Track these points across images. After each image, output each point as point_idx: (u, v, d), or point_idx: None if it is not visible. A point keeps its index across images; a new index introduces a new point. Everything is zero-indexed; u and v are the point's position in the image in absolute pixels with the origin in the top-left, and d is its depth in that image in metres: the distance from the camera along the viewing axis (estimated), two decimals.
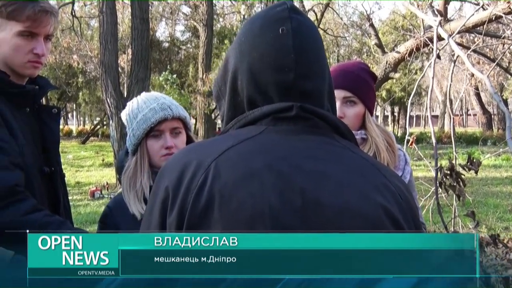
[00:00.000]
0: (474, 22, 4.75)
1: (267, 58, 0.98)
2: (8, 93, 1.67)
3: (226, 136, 0.99)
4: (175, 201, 0.88)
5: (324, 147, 0.95)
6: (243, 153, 0.91)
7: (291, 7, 1.01)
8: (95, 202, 9.52)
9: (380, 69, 6.77)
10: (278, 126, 0.96)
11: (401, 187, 0.97)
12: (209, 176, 0.88)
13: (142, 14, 11.12)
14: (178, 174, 0.91)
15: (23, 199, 1.52)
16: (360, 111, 1.89)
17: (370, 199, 0.90)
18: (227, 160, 0.90)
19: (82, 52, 21.74)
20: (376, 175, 0.95)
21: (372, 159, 1.02)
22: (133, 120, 1.77)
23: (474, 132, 25.34)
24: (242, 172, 0.88)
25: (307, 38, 0.99)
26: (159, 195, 0.92)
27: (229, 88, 1.03)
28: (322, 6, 17.59)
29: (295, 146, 0.93)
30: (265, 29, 1.00)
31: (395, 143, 1.97)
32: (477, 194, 9.11)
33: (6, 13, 1.63)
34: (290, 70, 0.96)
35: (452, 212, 3.12)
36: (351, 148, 0.98)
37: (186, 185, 0.89)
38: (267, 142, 0.94)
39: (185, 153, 0.98)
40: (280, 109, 0.96)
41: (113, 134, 10.88)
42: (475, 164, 2.05)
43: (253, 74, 0.99)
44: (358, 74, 1.91)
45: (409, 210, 0.94)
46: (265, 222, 0.85)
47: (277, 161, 0.90)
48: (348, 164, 0.94)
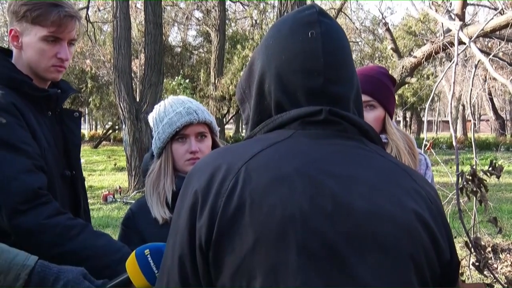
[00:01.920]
0: (492, 26, 4.72)
1: (296, 61, 0.97)
2: (32, 97, 1.69)
3: (254, 140, 0.98)
4: (205, 205, 0.88)
5: (354, 151, 0.94)
6: (273, 157, 0.91)
7: (320, 11, 1.00)
8: (108, 206, 9.56)
9: (396, 74, 6.74)
10: (307, 130, 0.95)
11: (430, 191, 0.96)
12: (240, 180, 0.87)
13: (155, 19, 11.18)
14: (208, 178, 0.90)
15: (47, 202, 1.53)
16: (380, 115, 1.89)
17: (401, 203, 0.89)
18: (257, 164, 0.89)
19: (95, 57, 21.93)
20: (406, 179, 0.94)
21: (401, 163, 1.01)
22: (159, 124, 1.77)
23: (487, 138, 25.12)
24: (273, 177, 0.88)
25: (336, 42, 0.99)
26: (187, 199, 0.91)
27: (256, 91, 1.03)
28: (335, 11, 17.59)
29: (325, 150, 0.92)
30: (294, 32, 0.99)
31: (416, 147, 1.95)
32: (492, 200, 9.01)
33: (31, 18, 1.64)
34: (319, 74, 0.96)
35: (472, 218, 3.09)
36: (380, 152, 0.97)
37: (216, 189, 0.88)
38: (296, 146, 0.93)
39: (214, 157, 0.97)
40: (309, 113, 0.95)
41: (125, 138, 10.93)
42: (497, 169, 2.02)
43: (281, 78, 0.99)
44: (378, 78, 1.90)
45: (439, 214, 0.93)
46: (296, 227, 0.83)
47: (307, 165, 0.89)
48: (378, 168, 0.93)
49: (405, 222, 0.87)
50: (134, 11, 19.80)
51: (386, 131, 1.91)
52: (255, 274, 0.84)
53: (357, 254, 0.84)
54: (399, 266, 0.85)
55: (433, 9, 3.88)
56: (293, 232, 0.83)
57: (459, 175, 2.06)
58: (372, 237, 0.85)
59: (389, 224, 0.86)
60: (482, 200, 2.02)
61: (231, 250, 0.85)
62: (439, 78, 3.05)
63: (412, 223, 0.87)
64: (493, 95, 24.72)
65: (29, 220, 1.48)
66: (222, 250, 0.86)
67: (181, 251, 0.90)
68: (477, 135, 29.82)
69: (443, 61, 14.11)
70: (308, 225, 0.84)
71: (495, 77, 2.39)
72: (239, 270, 0.85)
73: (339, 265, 0.83)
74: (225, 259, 0.86)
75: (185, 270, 0.90)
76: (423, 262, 0.87)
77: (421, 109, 31.08)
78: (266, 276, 0.83)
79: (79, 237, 1.52)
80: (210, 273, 0.88)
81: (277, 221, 0.84)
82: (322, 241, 0.83)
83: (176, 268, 0.91)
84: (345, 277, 0.83)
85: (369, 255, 0.84)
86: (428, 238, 0.88)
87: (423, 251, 0.87)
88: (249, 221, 0.85)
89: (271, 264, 0.83)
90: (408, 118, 36.64)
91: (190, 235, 0.89)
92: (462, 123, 30.31)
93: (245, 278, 0.84)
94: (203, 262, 0.88)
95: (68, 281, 1.32)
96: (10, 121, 1.55)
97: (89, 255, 1.50)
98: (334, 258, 0.83)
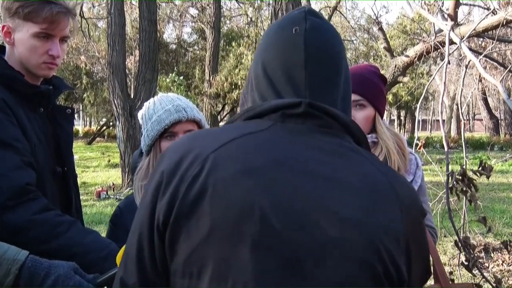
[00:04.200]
0: (484, 26, 4.73)
1: (279, 56, 0.98)
2: (23, 93, 1.68)
3: (231, 126, 0.97)
4: (168, 187, 0.88)
5: (331, 149, 0.91)
6: (244, 148, 0.90)
7: (309, 10, 1.01)
8: (101, 202, 9.54)
9: (389, 73, 6.75)
10: (286, 123, 0.93)
11: (408, 195, 0.92)
12: (206, 167, 0.87)
13: (150, 16, 11.16)
14: (177, 160, 0.91)
15: (35, 199, 1.53)
16: (369, 114, 1.88)
17: (373, 210, 0.86)
18: (226, 154, 0.89)
19: (89, 53, 21.85)
20: (388, 190, 0.90)
21: (381, 165, 0.96)
22: (148, 121, 1.77)
23: (481, 137, 25.21)
24: (239, 168, 0.87)
25: (320, 37, 0.99)
26: (155, 179, 0.92)
27: (250, 87, 1.04)
28: (330, 9, 17.59)
29: (299, 146, 0.90)
30: (280, 29, 1.01)
31: (406, 147, 1.95)
32: (484, 200, 9.06)
33: (23, 14, 1.63)
34: (301, 68, 0.96)
35: (461, 217, 3.11)
36: (363, 153, 0.94)
37: (181, 173, 0.88)
38: (271, 139, 0.91)
39: (188, 140, 0.96)
40: (288, 105, 0.94)
41: (119, 135, 10.91)
42: (487, 170, 2.03)
43: (266, 73, 0.99)
44: (367, 77, 1.89)
45: (410, 221, 0.89)
46: (253, 222, 0.83)
47: (277, 161, 0.87)
48: (355, 171, 0.90)
49: (371, 231, 0.84)
50: (129, 7, 19.72)
51: (376, 131, 1.90)
52: (207, 263, 0.84)
53: (313, 257, 0.82)
54: (356, 274, 0.83)
55: (426, 9, 3.90)
56: (249, 227, 0.83)
57: (449, 174, 2.07)
58: (332, 242, 0.82)
59: (354, 231, 0.84)
60: (472, 200, 2.04)
61: (187, 236, 0.85)
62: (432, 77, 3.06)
63: (378, 234, 0.84)
64: (487, 94, 24.79)
65: (17, 216, 1.47)
66: (178, 235, 0.86)
67: (141, 229, 0.91)
68: (471, 134, 29.95)
69: (437, 60, 14.15)
70: (266, 222, 0.83)
71: (486, 77, 2.41)
72: (191, 257, 0.85)
73: (293, 266, 0.82)
74: (180, 244, 0.86)
75: (142, 248, 0.90)
76: (382, 275, 0.84)
77: (415, 108, 31.10)
78: (217, 266, 0.83)
79: (66, 234, 1.51)
80: (166, 255, 0.88)
81: (235, 214, 0.83)
82: (278, 240, 0.82)
83: (135, 245, 0.91)
84: (298, 279, 0.82)
85: (327, 260, 0.82)
86: (391, 252, 0.85)
87: (384, 263, 0.84)
88: (207, 210, 0.84)
89: (222, 256, 0.83)
90: (402, 117, 36.72)
91: (151, 214, 0.89)
92: (456, 123, 30.40)
93: (196, 265, 0.85)
94: (160, 244, 0.88)
95: (59, 276, 1.33)
96: (1, 117, 1.55)
97: (76, 252, 1.50)
98: (288, 258, 0.82)
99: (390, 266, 0.85)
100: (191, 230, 0.85)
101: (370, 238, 0.84)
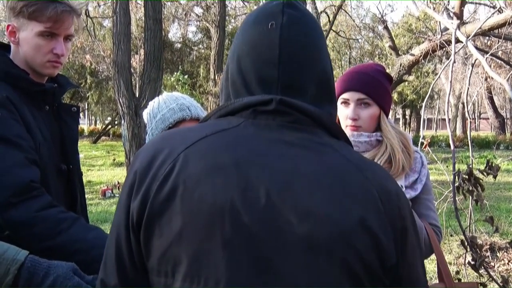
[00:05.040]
0: (490, 25, 4.70)
1: (254, 52, 0.96)
2: (28, 91, 1.69)
3: (204, 125, 0.97)
4: (141, 187, 0.89)
5: (302, 145, 0.90)
6: (214, 146, 0.89)
7: (287, 2, 0.97)
8: (106, 201, 9.58)
9: (394, 72, 6.73)
10: (257, 120, 0.92)
11: (389, 190, 0.90)
12: (177, 165, 0.87)
13: (155, 15, 11.15)
14: (149, 159, 0.91)
15: (38, 196, 1.53)
16: (374, 113, 1.87)
17: (342, 204, 0.84)
18: (197, 151, 0.89)
19: (95, 52, 21.90)
20: (356, 177, 0.88)
21: (357, 158, 0.93)
22: (152, 119, 1.78)
23: (486, 136, 25.12)
24: (209, 165, 0.86)
25: (297, 32, 0.96)
26: (129, 178, 0.92)
27: (224, 78, 1.03)
28: (335, 8, 17.56)
29: (270, 143, 0.90)
30: (257, 22, 0.98)
31: (411, 145, 1.94)
32: (489, 199, 9.02)
33: (28, 13, 1.64)
34: (274, 65, 0.94)
35: (468, 217, 3.10)
36: (334, 146, 0.92)
37: (153, 172, 0.89)
38: (241, 136, 0.91)
39: (161, 139, 0.96)
40: (259, 102, 0.93)
41: (124, 133, 10.92)
42: (493, 169, 2.02)
43: (240, 67, 0.98)
44: (372, 76, 1.89)
45: (389, 215, 0.87)
46: (224, 219, 0.83)
47: (247, 157, 0.87)
48: (325, 164, 0.88)
49: (341, 223, 0.83)
50: (134, 6, 19.74)
51: (381, 129, 1.90)
52: (180, 261, 0.84)
53: (283, 253, 0.82)
54: (328, 268, 0.82)
55: (431, 8, 3.88)
56: (220, 224, 0.83)
57: (456, 174, 2.06)
58: (302, 237, 0.82)
59: (323, 225, 0.82)
60: (478, 200, 2.03)
61: (160, 234, 0.86)
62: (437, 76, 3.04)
63: (349, 224, 0.83)
64: (493, 93, 24.70)
65: (20, 213, 1.48)
66: (152, 234, 0.86)
67: (118, 229, 0.91)
68: (476, 133, 29.85)
69: (442, 59, 14.10)
70: (236, 219, 0.83)
71: (492, 76, 2.39)
72: (165, 255, 0.85)
73: (262, 262, 0.82)
74: (153, 243, 0.86)
75: (120, 248, 0.91)
76: (356, 265, 0.83)
77: (421, 107, 31.06)
78: (190, 264, 0.83)
79: (69, 230, 1.51)
80: (142, 254, 0.89)
81: (206, 211, 0.84)
82: (247, 236, 0.82)
83: (114, 245, 0.92)
84: (268, 275, 0.81)
85: (297, 256, 0.81)
86: (367, 241, 0.83)
87: (357, 254, 0.83)
88: (179, 208, 0.85)
89: (195, 253, 0.83)
90: (407, 116, 36.64)
91: (126, 213, 0.90)
92: (462, 121, 30.30)
93: (170, 264, 0.85)
94: (136, 243, 0.89)
95: (58, 277, 1.33)
96: (5, 115, 1.56)
97: (78, 248, 1.50)
98: (258, 255, 0.82)
99: (368, 255, 0.83)
100: (163, 229, 0.85)
101: (339, 230, 0.83)
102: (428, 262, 4.38)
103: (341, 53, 27.78)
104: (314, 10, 16.22)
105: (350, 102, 1.86)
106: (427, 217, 1.85)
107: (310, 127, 0.93)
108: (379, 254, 0.84)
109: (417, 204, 1.85)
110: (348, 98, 1.86)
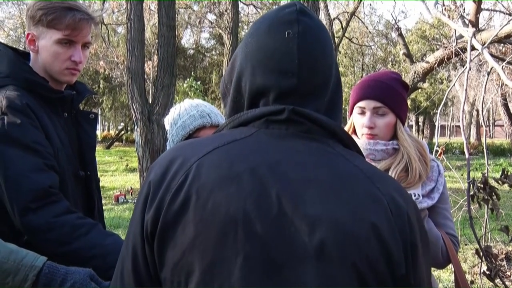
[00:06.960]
0: (506, 32, 4.67)
1: (271, 61, 0.96)
2: (47, 98, 1.72)
3: (217, 135, 0.97)
4: (155, 198, 0.89)
5: (314, 153, 0.91)
6: (227, 155, 0.90)
7: (300, 9, 0.97)
8: (119, 206, 9.63)
9: (409, 79, 6.70)
10: (269, 129, 0.93)
11: (398, 200, 0.89)
12: (190, 176, 0.88)
13: (169, 22, 11.22)
14: (163, 170, 0.91)
15: (57, 201, 1.55)
16: (390, 121, 1.86)
17: (354, 211, 0.85)
18: (210, 161, 0.89)
19: (108, 58, 22.10)
20: (368, 186, 0.88)
21: (369, 169, 0.93)
22: (173, 126, 1.80)
23: (501, 143, 24.84)
24: (222, 175, 0.87)
25: (313, 42, 0.96)
26: (144, 190, 0.93)
27: (234, 87, 1.02)
28: (348, 14, 17.55)
29: (283, 152, 0.90)
30: (272, 31, 0.97)
31: (428, 154, 1.93)
32: (505, 207, 8.90)
33: (47, 21, 1.67)
34: (293, 75, 0.94)
35: (483, 226, 3.06)
36: (346, 156, 0.93)
37: (167, 183, 0.89)
38: (254, 145, 0.91)
39: (175, 150, 0.96)
40: (273, 112, 0.93)
41: (138, 139, 10.97)
42: (509, 178, 2.00)
43: (256, 76, 0.97)
44: (388, 84, 1.88)
45: (399, 225, 0.86)
46: (237, 228, 0.83)
47: (260, 166, 0.87)
48: (337, 173, 0.89)
49: (353, 229, 0.83)
50: (148, 13, 19.90)
51: (397, 138, 1.89)
52: (193, 270, 0.84)
53: (295, 261, 0.82)
54: (340, 275, 0.82)
55: (446, 15, 3.85)
56: (234, 233, 0.83)
57: (471, 182, 2.04)
58: (313, 245, 0.82)
59: (334, 232, 0.82)
60: (494, 209, 2.01)
61: (174, 245, 0.86)
62: (452, 83, 3.02)
63: (360, 231, 0.83)
64: (508, 100, 24.44)
65: (39, 218, 1.50)
66: (165, 244, 0.87)
67: (134, 240, 0.91)
68: (491, 140, 29.53)
69: (457, 65, 14.00)
70: (249, 228, 0.83)
71: (508, 84, 2.38)
72: (178, 265, 0.85)
73: (276, 270, 0.82)
74: (167, 253, 0.87)
75: (137, 259, 0.91)
76: (367, 273, 0.82)
77: (434, 114, 30.86)
78: (203, 273, 0.83)
79: (87, 236, 1.53)
80: (156, 265, 0.89)
81: (219, 220, 0.84)
82: (260, 245, 0.82)
83: (130, 256, 0.92)
84: (281, 283, 0.81)
85: (309, 263, 0.81)
86: (378, 249, 0.83)
87: (368, 261, 0.82)
88: (192, 217, 0.85)
89: (208, 262, 0.83)
90: (421, 123, 36.41)
91: (141, 225, 0.90)
92: (476, 128, 30.04)
93: (183, 273, 0.85)
94: (151, 254, 0.89)
95: (75, 283, 1.34)
96: (24, 122, 1.58)
97: (96, 253, 1.51)
98: (271, 263, 0.82)
99: (378, 262, 0.83)
100: (177, 239, 0.86)
101: (351, 236, 0.83)
102: (443, 271, 4.33)
103: (353, 59, 27.74)
104: (327, 16, 16.22)
105: (366, 111, 1.85)
106: (444, 226, 1.83)
107: (323, 137, 0.94)
108: (389, 262, 0.84)
109: (434, 213, 1.83)
110: (364, 107, 1.86)
